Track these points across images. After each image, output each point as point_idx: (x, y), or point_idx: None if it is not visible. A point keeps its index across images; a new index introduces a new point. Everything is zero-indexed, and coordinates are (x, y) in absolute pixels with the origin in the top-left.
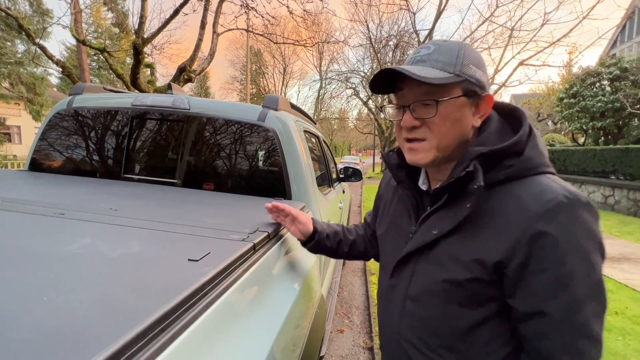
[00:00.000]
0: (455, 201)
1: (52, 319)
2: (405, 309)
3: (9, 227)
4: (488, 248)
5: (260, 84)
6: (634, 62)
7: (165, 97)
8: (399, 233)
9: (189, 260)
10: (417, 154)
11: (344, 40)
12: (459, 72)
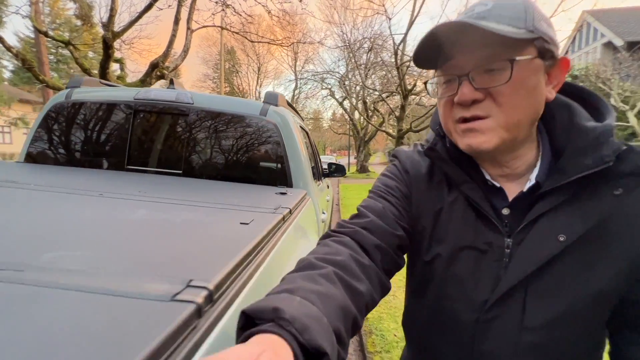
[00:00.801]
0: (583, 193)
1: (175, 252)
2: (522, 344)
3: (68, 204)
4: (628, 247)
5: (234, 83)
6: (583, 70)
7: (168, 91)
8: (482, 250)
9: (241, 224)
10: (479, 136)
11: (319, 41)
12: (531, 27)
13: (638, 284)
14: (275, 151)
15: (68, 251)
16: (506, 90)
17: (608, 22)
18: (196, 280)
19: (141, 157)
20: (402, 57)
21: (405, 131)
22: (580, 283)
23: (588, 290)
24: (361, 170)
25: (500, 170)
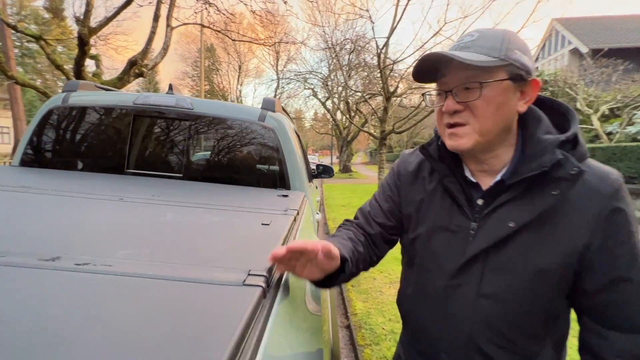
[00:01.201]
0: (532, 191)
1: (222, 248)
2: (479, 308)
3: (101, 209)
4: (573, 234)
5: (214, 81)
6: (552, 76)
7: (167, 96)
8: (453, 231)
9: (263, 224)
10: (459, 139)
11: (302, 41)
12: (503, 56)
13: (587, 274)
14: (273, 155)
15: (134, 249)
16: (479, 105)
17: (575, 30)
18: (253, 270)
19: (141, 161)
20: (385, 60)
21: (388, 132)
22: (526, 261)
23: (531, 267)
24: (344, 170)
25: (480, 166)
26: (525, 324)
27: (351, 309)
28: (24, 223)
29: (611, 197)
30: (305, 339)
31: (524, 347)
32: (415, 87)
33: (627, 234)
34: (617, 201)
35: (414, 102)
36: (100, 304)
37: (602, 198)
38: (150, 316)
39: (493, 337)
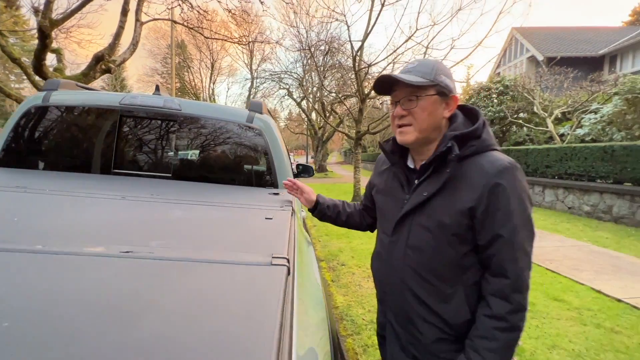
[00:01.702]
0: (438, 170)
1: (240, 238)
2: (407, 257)
3: (111, 206)
4: (464, 199)
5: (185, 78)
6: (512, 82)
7: (154, 97)
8: (395, 201)
9: (266, 218)
10: (405, 135)
11: (277, 41)
12: (432, 79)
13: (478, 233)
14: (261, 155)
15: (163, 239)
16: (416, 111)
17: (532, 39)
18: (275, 254)
19: (128, 162)
20: (360, 63)
21: (363, 133)
22: (434, 219)
23: (436, 223)
24: (319, 170)
25: (420, 156)
26: (438, 269)
27: (332, 303)
28: (45, 221)
29: (495, 175)
30: (316, 306)
31: (439, 288)
32: None
33: (505, 202)
34: (499, 179)
35: (387, 103)
36: (154, 284)
37: (488, 175)
38: (202, 290)
39: (417, 279)
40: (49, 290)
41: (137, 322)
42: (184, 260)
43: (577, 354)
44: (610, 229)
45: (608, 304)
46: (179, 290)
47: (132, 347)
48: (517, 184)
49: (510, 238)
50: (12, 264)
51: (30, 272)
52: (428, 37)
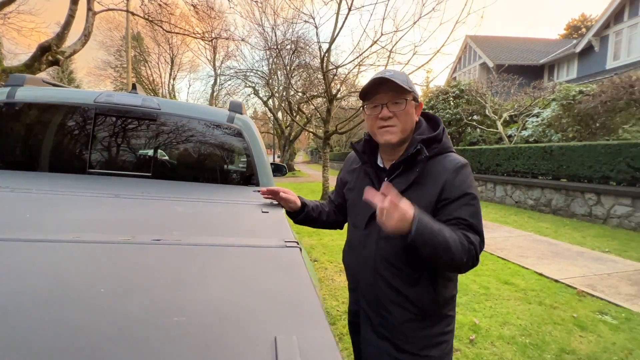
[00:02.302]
0: (407, 170)
1: (249, 227)
2: (379, 247)
3: (115, 204)
4: (430, 194)
5: (142, 73)
6: (467, 86)
7: (133, 96)
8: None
9: (263, 212)
10: (390, 134)
11: (243, 39)
12: (409, 87)
13: (438, 211)
14: (242, 155)
15: (182, 230)
16: (402, 114)
17: (483, 46)
18: (286, 238)
19: (105, 161)
20: (328, 64)
21: (331, 132)
22: None
23: None
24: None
25: (390, 157)
26: (407, 257)
27: None
28: (62, 217)
29: (452, 171)
30: (315, 277)
31: (408, 273)
32: (354, 91)
33: (461, 192)
34: (454, 174)
35: (352, 104)
36: (193, 265)
37: (447, 172)
38: (239, 268)
39: (388, 267)
40: (104, 275)
41: (197, 296)
42: (212, 245)
43: (524, 327)
44: (549, 219)
45: (548, 284)
46: (219, 269)
47: (200, 316)
48: (468, 175)
49: (467, 218)
50: (60, 253)
51: (78, 259)
52: (392, 42)
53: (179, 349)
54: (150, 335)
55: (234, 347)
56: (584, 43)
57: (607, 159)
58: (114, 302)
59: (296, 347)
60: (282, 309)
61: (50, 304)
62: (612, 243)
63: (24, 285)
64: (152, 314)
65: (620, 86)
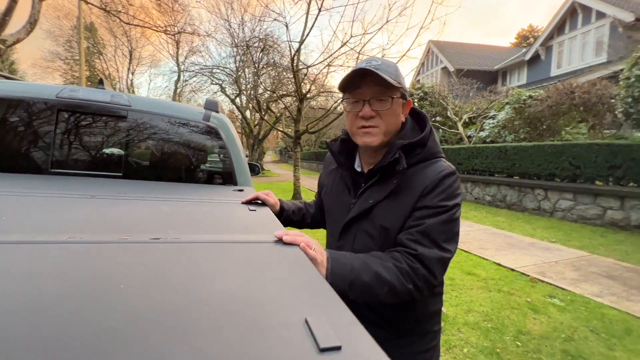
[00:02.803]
0: (385, 178)
1: (244, 224)
2: None
3: (101, 205)
4: (407, 204)
5: (97, 66)
6: (430, 89)
7: (100, 92)
8: (342, 204)
9: (250, 210)
10: (371, 136)
11: (209, 34)
12: (399, 82)
13: (412, 217)
14: (219, 154)
15: (176, 229)
16: (386, 113)
17: (444, 51)
18: (277, 235)
19: (70, 160)
20: (298, 63)
21: (302, 132)
22: (378, 226)
23: (380, 230)
24: None
25: (370, 159)
26: None
27: None
28: (61, 217)
29: (433, 181)
30: None
31: None
32: (324, 91)
33: (433, 202)
34: (435, 183)
35: (321, 103)
36: (198, 262)
37: (428, 180)
38: (244, 262)
39: None
40: (110, 273)
41: (218, 288)
42: (213, 242)
43: (486, 313)
44: (505, 214)
45: (505, 273)
46: (228, 263)
47: (220, 311)
48: (452, 185)
49: (437, 228)
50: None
51: (83, 258)
52: (360, 43)
53: (225, 334)
54: (193, 323)
55: (271, 329)
56: (532, 52)
57: (552, 158)
58: (143, 298)
59: (328, 325)
60: (300, 295)
61: (71, 307)
62: (558, 234)
63: (38, 287)
64: (184, 306)
65: (563, 92)
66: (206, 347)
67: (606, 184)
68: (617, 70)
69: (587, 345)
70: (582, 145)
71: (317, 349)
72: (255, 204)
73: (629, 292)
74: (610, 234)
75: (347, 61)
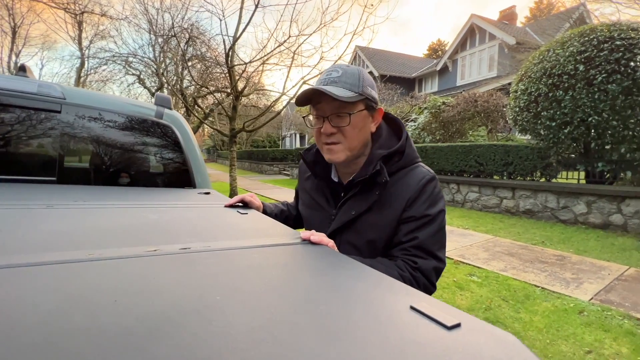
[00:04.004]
0: (366, 189)
1: (248, 228)
2: None
3: (35, 217)
4: (392, 215)
5: None
6: None
7: (23, 81)
8: (322, 214)
9: (242, 214)
10: (335, 153)
11: (123, 18)
12: (361, 91)
13: (398, 228)
14: (174, 154)
15: (191, 237)
16: (347, 129)
17: (370, 57)
18: (295, 235)
19: None
20: (233, 59)
21: (238, 130)
22: (363, 236)
23: (365, 240)
24: None
25: (346, 169)
26: None
27: None
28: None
29: (416, 189)
30: None
31: None
32: (260, 89)
33: (420, 211)
34: (418, 191)
35: (253, 101)
36: (248, 267)
37: (411, 189)
38: (296, 263)
39: None
40: (159, 286)
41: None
42: (240, 248)
43: None
44: None
45: None
46: (284, 265)
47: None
48: (433, 192)
49: (426, 238)
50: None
51: (116, 273)
52: (296, 43)
53: (357, 322)
54: (329, 314)
55: (393, 315)
56: (441, 63)
57: (462, 157)
58: (221, 305)
59: (433, 308)
60: (378, 287)
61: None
62: (469, 221)
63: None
64: (304, 304)
65: (469, 100)
66: (354, 330)
67: (502, 178)
68: (506, 83)
69: (501, 311)
70: (484, 146)
71: (445, 328)
72: (239, 206)
73: (524, 265)
74: (506, 219)
75: (281, 60)
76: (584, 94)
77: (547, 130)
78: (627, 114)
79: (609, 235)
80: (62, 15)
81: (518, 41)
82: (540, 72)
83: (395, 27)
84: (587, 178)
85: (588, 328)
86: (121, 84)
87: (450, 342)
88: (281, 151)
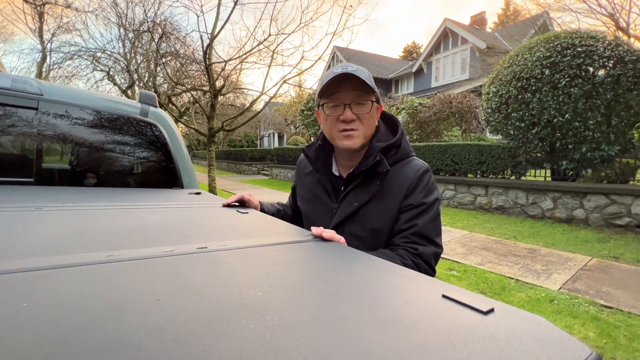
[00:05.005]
0: (366, 181)
1: (253, 227)
2: None
3: (31, 222)
4: (393, 204)
5: None
6: None
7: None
8: (323, 208)
9: (242, 213)
10: (353, 139)
11: (90, 11)
12: (373, 87)
13: (399, 214)
14: (160, 153)
15: (204, 237)
16: (366, 117)
17: (347, 57)
18: (305, 233)
19: None
20: (211, 57)
21: (217, 129)
22: (367, 226)
23: (370, 230)
24: None
25: (348, 162)
26: None
27: None
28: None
29: (414, 179)
30: None
31: None
32: (239, 88)
33: (418, 200)
34: (415, 181)
35: (231, 100)
36: (256, 266)
37: (409, 180)
38: (320, 259)
39: None
40: (183, 282)
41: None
42: (256, 246)
43: None
44: None
45: None
46: (308, 261)
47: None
48: (429, 182)
49: (424, 226)
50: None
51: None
52: (276, 42)
53: (400, 309)
54: (374, 304)
55: (431, 303)
56: (416, 65)
57: (439, 156)
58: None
59: (465, 295)
60: (403, 278)
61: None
62: (446, 218)
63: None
64: (348, 297)
65: (444, 101)
66: (402, 318)
67: (475, 176)
68: (477, 85)
69: None
70: (459, 145)
71: (481, 313)
72: (236, 206)
73: (499, 258)
74: (480, 215)
75: (261, 58)
76: (550, 97)
77: (516, 130)
78: (588, 116)
79: (573, 228)
80: (20, 4)
81: (488, 45)
82: (510, 76)
83: (371, 28)
84: (552, 176)
85: (559, 315)
86: (88, 80)
87: (492, 325)
88: (260, 151)
